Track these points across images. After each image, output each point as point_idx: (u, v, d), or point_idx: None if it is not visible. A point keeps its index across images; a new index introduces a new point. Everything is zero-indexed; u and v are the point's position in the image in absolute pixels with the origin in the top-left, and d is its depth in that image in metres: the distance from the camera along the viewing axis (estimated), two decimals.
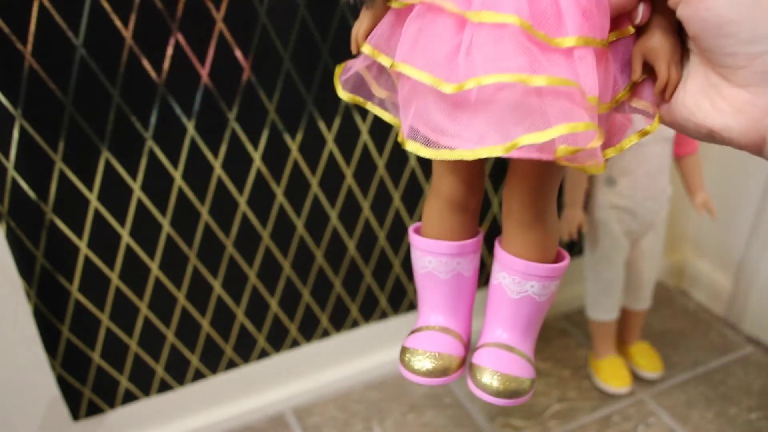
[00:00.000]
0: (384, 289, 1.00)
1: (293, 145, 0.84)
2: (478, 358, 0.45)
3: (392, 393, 1.06)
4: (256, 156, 0.82)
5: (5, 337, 0.81)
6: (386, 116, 0.46)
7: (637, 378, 1.07)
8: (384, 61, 0.42)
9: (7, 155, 0.70)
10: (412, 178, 0.92)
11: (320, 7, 0.77)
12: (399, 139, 0.41)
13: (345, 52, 0.84)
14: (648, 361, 1.07)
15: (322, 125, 0.84)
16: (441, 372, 0.46)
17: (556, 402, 1.03)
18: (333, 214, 0.91)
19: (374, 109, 0.47)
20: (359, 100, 0.47)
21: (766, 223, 1.09)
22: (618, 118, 0.44)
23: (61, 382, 0.85)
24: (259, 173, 0.83)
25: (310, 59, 0.79)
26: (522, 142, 0.36)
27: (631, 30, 0.40)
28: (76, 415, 0.88)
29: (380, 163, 0.90)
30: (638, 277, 1.03)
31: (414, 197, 0.94)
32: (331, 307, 0.98)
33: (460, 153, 0.38)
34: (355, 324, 1.02)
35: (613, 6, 0.38)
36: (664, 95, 0.39)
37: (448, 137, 0.39)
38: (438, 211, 0.47)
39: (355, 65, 0.46)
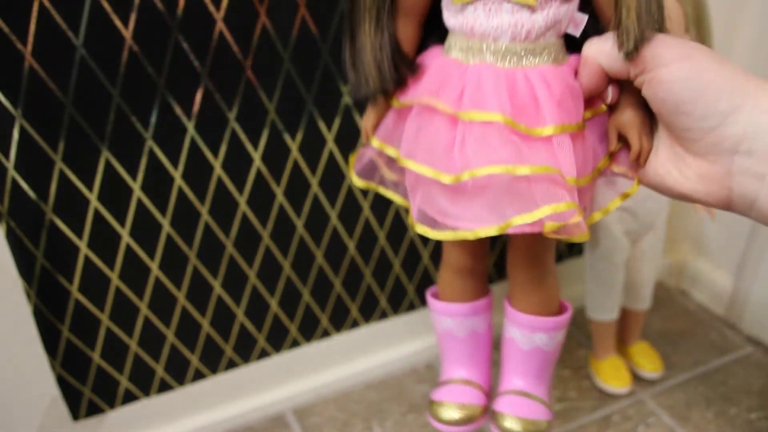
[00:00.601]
0: (384, 289, 1.00)
1: (293, 145, 0.84)
2: (499, 405, 0.51)
3: (392, 393, 1.06)
4: (256, 156, 0.82)
5: (5, 337, 0.81)
6: (398, 199, 0.52)
7: (637, 378, 1.07)
8: (391, 152, 0.48)
9: (7, 155, 0.70)
10: None
11: (320, 7, 0.77)
12: (409, 222, 0.47)
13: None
14: (648, 361, 1.07)
15: (322, 125, 0.84)
16: (466, 420, 0.52)
17: (556, 402, 1.03)
18: (333, 214, 0.91)
19: (387, 192, 0.53)
20: (372, 185, 0.53)
21: None
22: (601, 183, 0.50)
23: (61, 382, 0.85)
24: (259, 173, 0.83)
25: (310, 59, 0.79)
26: (514, 222, 0.42)
27: (604, 107, 0.45)
28: (76, 415, 0.88)
29: None
30: (638, 277, 1.03)
31: None
32: (331, 307, 0.98)
33: (462, 234, 0.43)
34: (355, 324, 1.02)
35: (585, 92, 0.44)
36: (639, 162, 0.44)
37: (451, 218, 0.44)
38: (449, 279, 0.54)
39: (366, 154, 0.52)
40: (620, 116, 0.44)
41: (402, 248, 0.98)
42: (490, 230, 0.42)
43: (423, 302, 1.04)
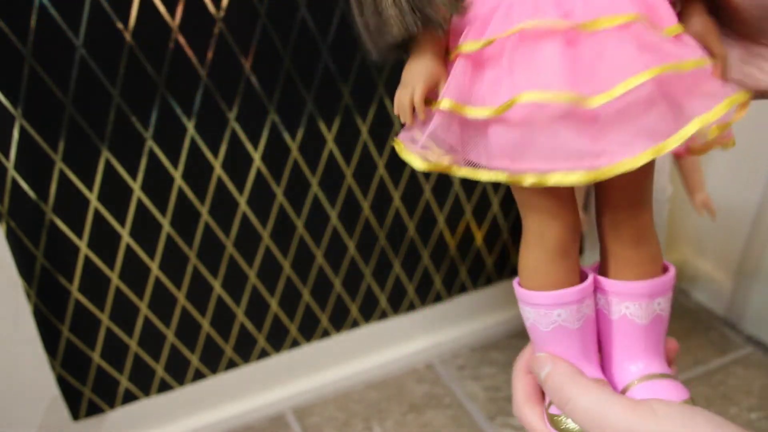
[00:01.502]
0: (384, 289, 1.00)
1: (293, 145, 0.84)
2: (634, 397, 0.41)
3: (392, 393, 1.06)
4: (256, 156, 0.82)
5: (5, 337, 0.81)
6: (484, 175, 0.39)
7: None
8: (475, 112, 0.37)
9: (7, 155, 0.70)
10: (412, 178, 0.92)
11: (320, 7, 0.77)
12: (534, 181, 0.36)
13: (345, 52, 0.84)
14: None
15: (322, 125, 0.84)
16: None
17: None
18: (333, 214, 0.91)
19: (462, 171, 0.39)
20: (442, 166, 0.40)
21: (766, 223, 1.09)
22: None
23: (61, 382, 0.85)
24: (259, 173, 0.83)
25: (310, 59, 0.79)
26: (695, 126, 0.34)
27: None
28: (76, 415, 0.88)
29: (380, 163, 0.90)
30: None
31: (414, 197, 0.94)
32: (331, 307, 0.98)
33: (622, 164, 0.34)
34: (355, 324, 1.02)
35: None
36: (724, 71, 0.39)
37: (589, 157, 0.35)
38: (549, 260, 0.42)
39: (421, 134, 0.40)
40: (693, 27, 0.38)
41: (402, 248, 0.98)
42: (667, 144, 0.34)
43: (423, 302, 1.04)
